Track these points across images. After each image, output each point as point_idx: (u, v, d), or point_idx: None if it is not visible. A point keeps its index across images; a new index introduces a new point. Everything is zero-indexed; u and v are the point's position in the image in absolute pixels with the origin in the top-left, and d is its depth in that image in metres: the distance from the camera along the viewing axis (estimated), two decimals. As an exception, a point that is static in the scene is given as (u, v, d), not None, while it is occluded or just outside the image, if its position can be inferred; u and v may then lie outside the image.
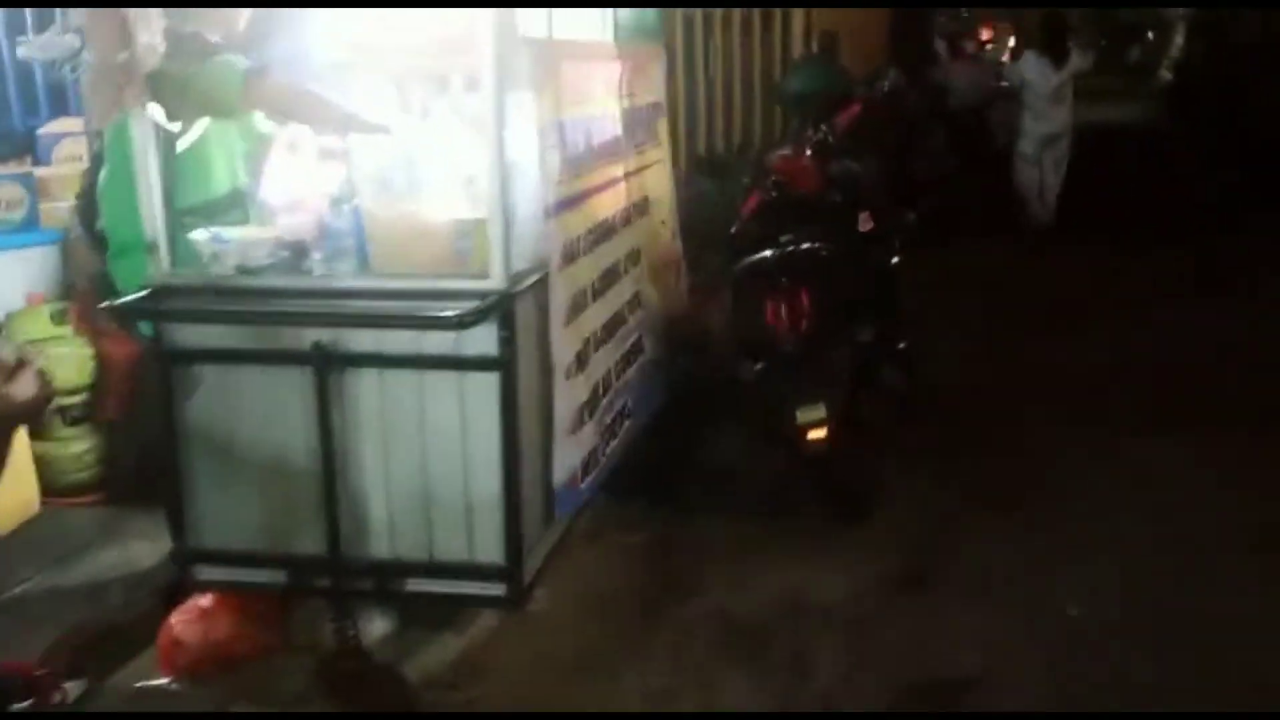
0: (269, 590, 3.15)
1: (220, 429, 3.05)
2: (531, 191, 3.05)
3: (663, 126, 4.66)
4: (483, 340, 2.88)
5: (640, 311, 4.19)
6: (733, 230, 4.65)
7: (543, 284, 3.10)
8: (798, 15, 10.86)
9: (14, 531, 3.87)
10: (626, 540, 4.01)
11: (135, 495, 3.86)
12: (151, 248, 2.98)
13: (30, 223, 4.24)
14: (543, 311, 3.12)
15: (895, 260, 5.01)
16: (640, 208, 4.24)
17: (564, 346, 3.22)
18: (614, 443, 3.76)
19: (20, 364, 2.05)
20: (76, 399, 4.10)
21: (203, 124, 3.15)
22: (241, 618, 3.18)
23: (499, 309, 2.84)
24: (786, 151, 5.09)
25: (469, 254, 2.91)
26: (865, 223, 4.82)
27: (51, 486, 4.08)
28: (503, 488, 2.95)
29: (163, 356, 3.01)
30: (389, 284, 2.95)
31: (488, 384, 2.90)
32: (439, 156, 2.99)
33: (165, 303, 3.01)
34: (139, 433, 3.74)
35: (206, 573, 3.13)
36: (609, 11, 3.96)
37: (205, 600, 3.19)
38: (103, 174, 3.33)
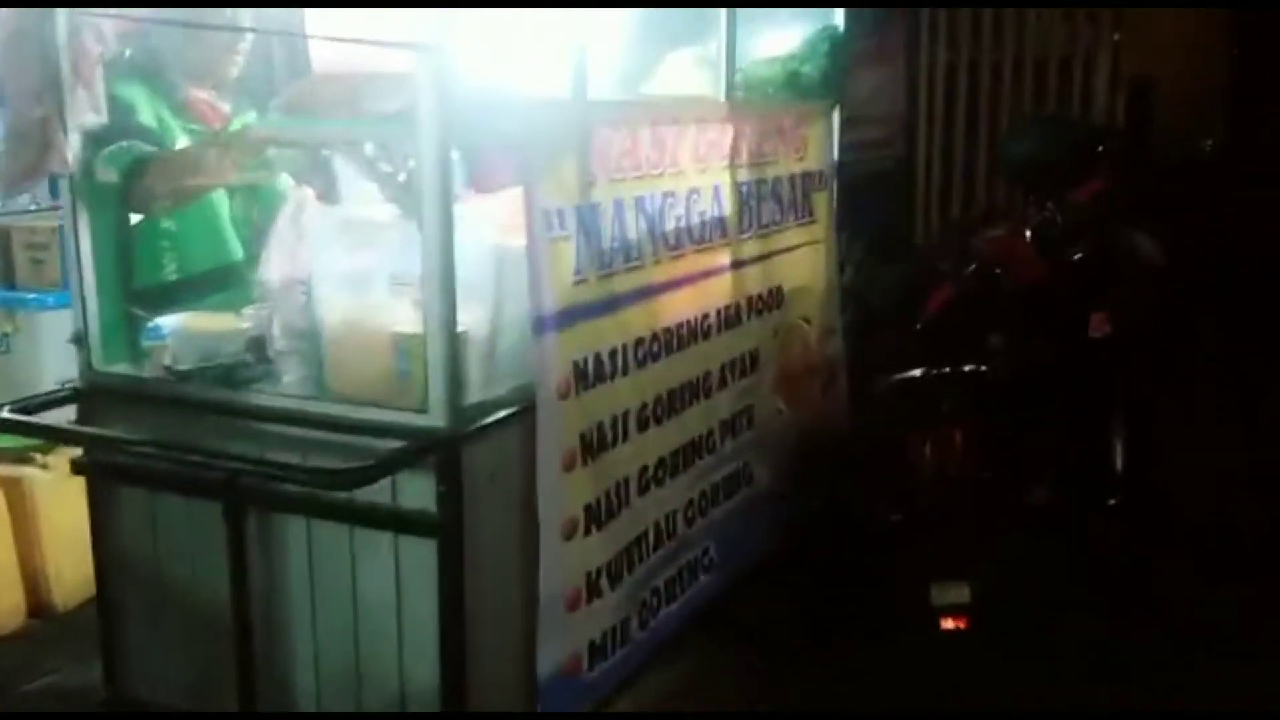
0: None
1: (144, 559, 2.54)
2: (519, 296, 2.33)
3: (821, 201, 3.78)
4: (419, 494, 2.20)
5: (750, 433, 3.35)
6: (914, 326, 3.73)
7: (524, 419, 2.36)
8: (1103, 59, 9.39)
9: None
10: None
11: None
12: (77, 339, 2.51)
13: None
14: (525, 455, 2.37)
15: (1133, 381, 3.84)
16: (763, 302, 3.40)
17: (563, 498, 2.46)
18: (671, 607, 2.95)
19: None
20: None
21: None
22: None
23: (428, 457, 2.14)
24: (999, 232, 4.08)
25: (409, 378, 2.23)
26: (1099, 326, 3.72)
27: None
28: (441, 680, 2.25)
29: (84, 468, 2.53)
30: (323, 409, 2.32)
31: (424, 549, 2.21)
32: (394, 244, 2.31)
33: (83, 406, 2.53)
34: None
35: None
36: (720, 64, 3.16)
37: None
38: None
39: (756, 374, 3.39)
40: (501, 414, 2.34)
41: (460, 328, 2.24)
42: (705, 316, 3.08)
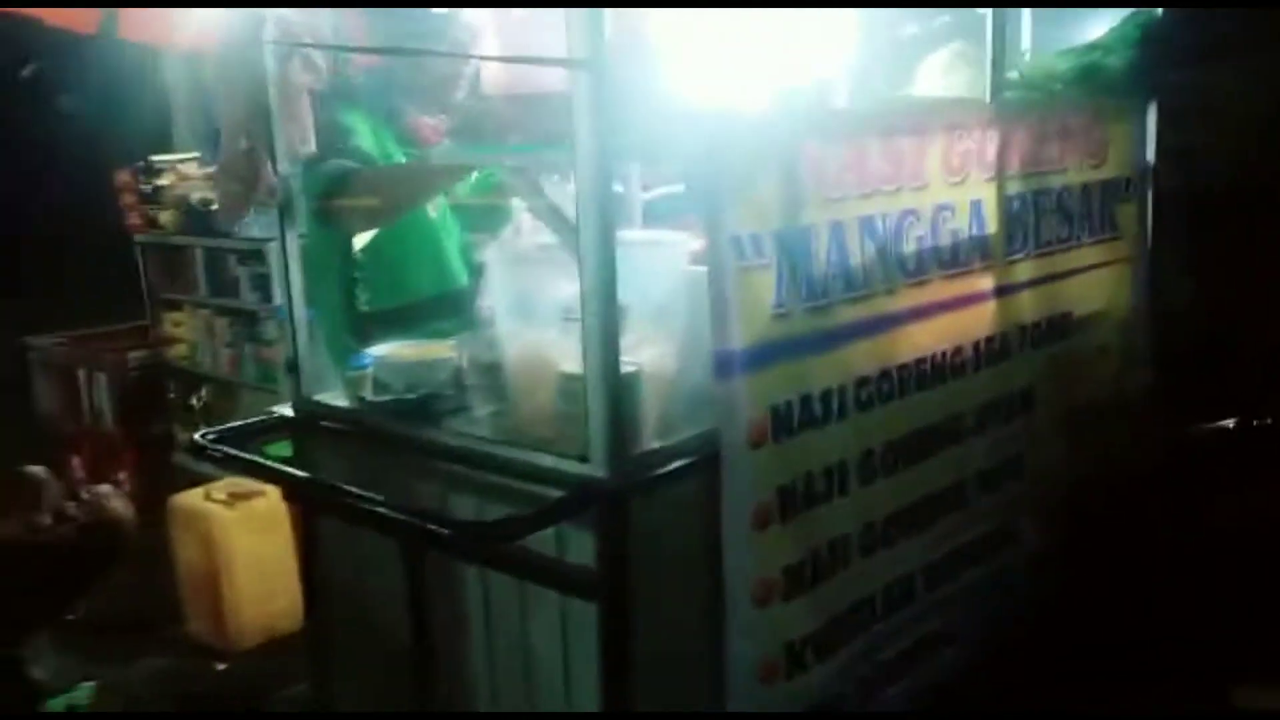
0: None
1: (345, 586, 2.54)
2: (702, 333, 2.09)
3: (1128, 213, 3.23)
4: (583, 549, 2.02)
5: (1017, 485, 2.90)
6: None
7: (712, 468, 2.11)
8: None
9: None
10: None
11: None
12: (290, 367, 2.54)
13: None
14: (712, 508, 2.12)
15: None
16: (1042, 332, 2.94)
17: (757, 559, 2.19)
18: (899, 684, 2.58)
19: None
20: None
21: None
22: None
23: (588, 510, 1.95)
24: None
25: (572, 422, 2.04)
26: None
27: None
28: (608, 756, 2.06)
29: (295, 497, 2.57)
30: (498, 451, 2.19)
31: (589, 608, 2.03)
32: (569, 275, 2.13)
33: (295, 434, 2.55)
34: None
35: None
36: (985, 61, 2.73)
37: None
38: None
39: (1029, 416, 2.93)
40: (681, 462, 2.10)
41: (632, 366, 2.03)
42: (958, 351, 2.68)
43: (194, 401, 5.70)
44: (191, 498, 4.06)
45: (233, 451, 2.35)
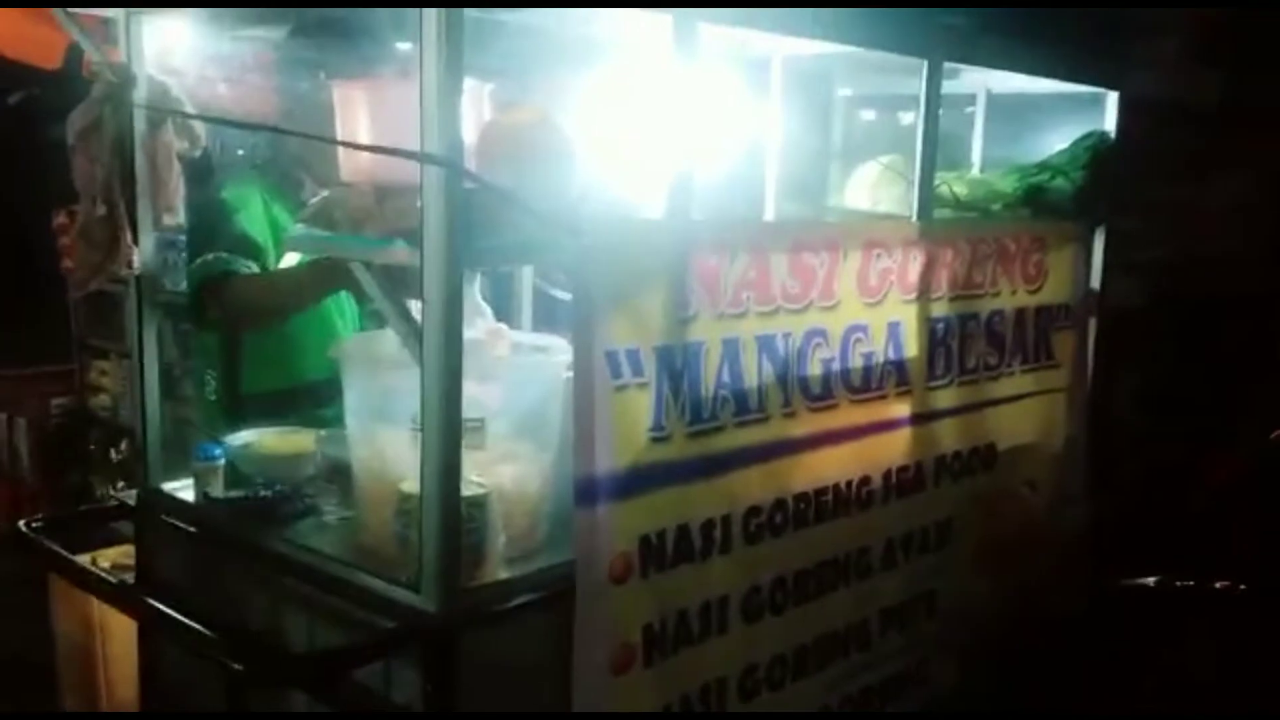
0: None
1: (177, 697, 2.31)
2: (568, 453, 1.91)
3: (1066, 341, 3.08)
4: (409, 688, 1.81)
5: (930, 623, 2.71)
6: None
7: (560, 605, 1.91)
8: None
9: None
10: None
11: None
12: (135, 451, 2.34)
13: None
14: (565, 647, 1.92)
15: None
16: (963, 462, 2.76)
17: (609, 707, 1.98)
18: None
19: None
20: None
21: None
22: None
23: (408, 644, 1.74)
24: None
25: (407, 544, 1.84)
26: None
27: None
28: None
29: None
30: (334, 570, 1.98)
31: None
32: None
33: (137, 521, 2.34)
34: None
35: None
36: (912, 178, 2.59)
37: None
38: None
39: (946, 550, 2.74)
40: (530, 597, 1.90)
41: (481, 487, 1.84)
42: (866, 481, 2.50)
43: (113, 454, 5.47)
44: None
45: (51, 546, 2.14)
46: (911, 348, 2.56)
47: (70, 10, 2.40)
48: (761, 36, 2.34)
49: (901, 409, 2.57)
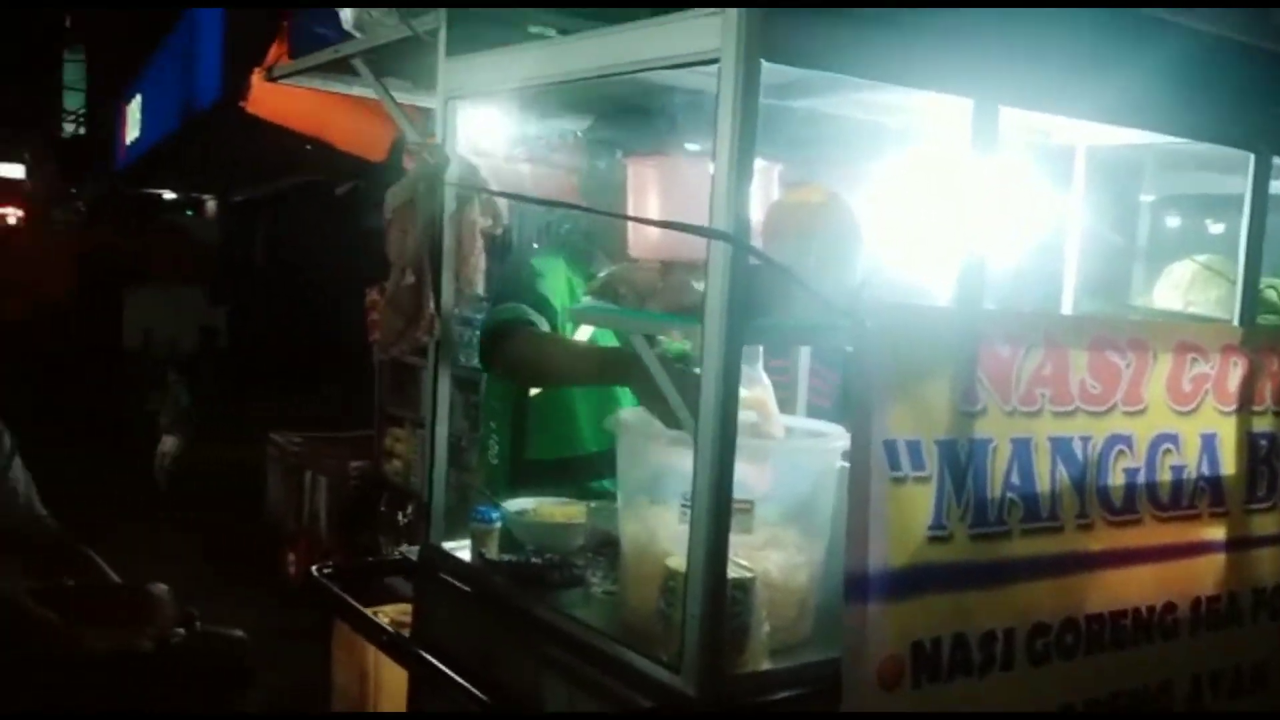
0: None
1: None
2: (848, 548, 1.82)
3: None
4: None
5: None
6: None
7: (823, 705, 1.81)
8: None
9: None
10: None
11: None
12: (421, 508, 2.45)
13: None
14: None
15: None
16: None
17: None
18: None
19: None
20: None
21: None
22: None
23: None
24: None
25: (669, 624, 1.81)
26: None
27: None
28: None
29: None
30: (596, 641, 1.97)
31: None
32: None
33: (417, 577, 2.44)
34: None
35: None
36: (1234, 278, 2.36)
37: None
38: None
39: (1262, 697, 2.42)
40: (793, 692, 1.82)
41: (747, 571, 1.79)
42: (1171, 608, 2.25)
43: (400, 517, 5.80)
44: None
45: (337, 591, 2.26)
46: (1229, 464, 2.31)
47: (399, 101, 2.63)
48: (1066, 124, 2.22)
49: (1214, 531, 2.31)
